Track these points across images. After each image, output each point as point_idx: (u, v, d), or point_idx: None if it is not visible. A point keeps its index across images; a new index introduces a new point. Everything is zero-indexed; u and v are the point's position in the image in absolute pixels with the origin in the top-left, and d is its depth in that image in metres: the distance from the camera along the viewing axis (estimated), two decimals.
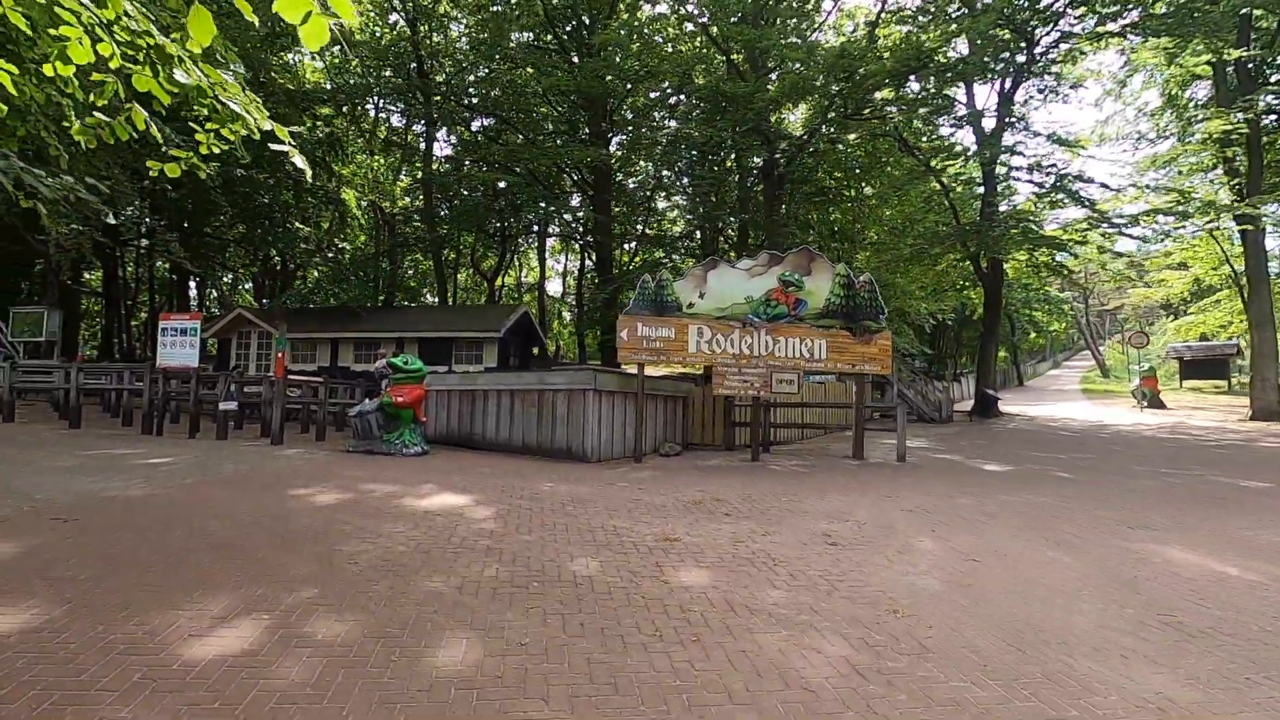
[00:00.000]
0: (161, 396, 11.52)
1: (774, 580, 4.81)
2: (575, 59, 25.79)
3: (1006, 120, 18.51)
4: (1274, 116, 20.48)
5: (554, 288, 49.97)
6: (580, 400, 10.23)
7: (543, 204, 27.04)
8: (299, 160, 3.05)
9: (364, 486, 7.35)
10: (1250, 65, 18.48)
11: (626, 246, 35.00)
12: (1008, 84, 19.82)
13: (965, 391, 31.46)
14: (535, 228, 36.94)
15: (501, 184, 28.17)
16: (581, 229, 29.98)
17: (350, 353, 20.37)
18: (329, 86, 26.95)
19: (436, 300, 33.84)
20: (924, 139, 21.65)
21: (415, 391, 10.22)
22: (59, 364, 12.62)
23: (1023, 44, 16.94)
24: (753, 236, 29.78)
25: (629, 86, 25.38)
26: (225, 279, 41.60)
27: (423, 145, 30.21)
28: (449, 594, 4.20)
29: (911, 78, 18.72)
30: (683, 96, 29.12)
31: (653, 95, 29.17)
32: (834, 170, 23.12)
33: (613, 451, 10.73)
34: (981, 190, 24.43)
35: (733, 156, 24.99)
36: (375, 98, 27.61)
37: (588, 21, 27.28)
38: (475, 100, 27.70)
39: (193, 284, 39.42)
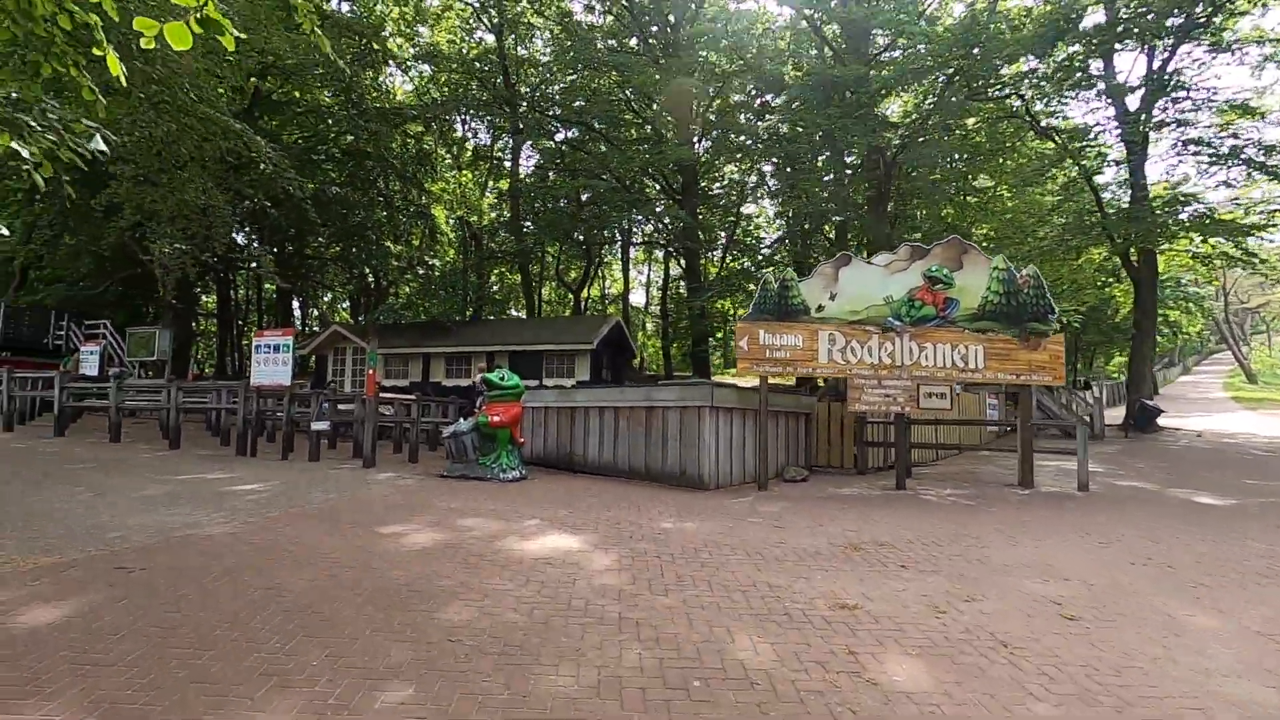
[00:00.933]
0: (255, 416, 11.18)
1: (1024, 681, 3.41)
2: (661, 61, 24.89)
3: (1164, 89, 16.01)
4: None
5: (636, 298, 49.26)
6: (694, 419, 9.02)
7: (631, 209, 26.23)
8: None
9: (462, 523, 6.40)
10: None
11: (711, 255, 33.77)
12: (1159, 51, 17.28)
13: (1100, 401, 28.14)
14: (619, 239, 36.35)
15: (585, 195, 27.69)
16: (670, 234, 28.97)
17: (441, 367, 20.04)
18: (418, 104, 27.25)
19: (524, 313, 33.69)
20: (1054, 118, 19.27)
21: (513, 410, 9.32)
22: (162, 383, 12.60)
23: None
24: (853, 237, 27.88)
25: (719, 85, 24.24)
26: (325, 298, 43.32)
27: (508, 158, 30.09)
28: (585, 699, 3.05)
29: (1031, 55, 16.65)
30: (771, 97, 27.77)
31: (736, 99, 27.94)
32: (946, 160, 21.05)
33: (731, 477, 9.44)
34: (1117, 172, 21.66)
35: (826, 154, 23.30)
36: (462, 112, 27.67)
37: (673, 20, 26.42)
38: (560, 110, 27.32)
39: (296, 304, 41.23)
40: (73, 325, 24.06)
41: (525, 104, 26.69)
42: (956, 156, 21.46)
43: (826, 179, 26.38)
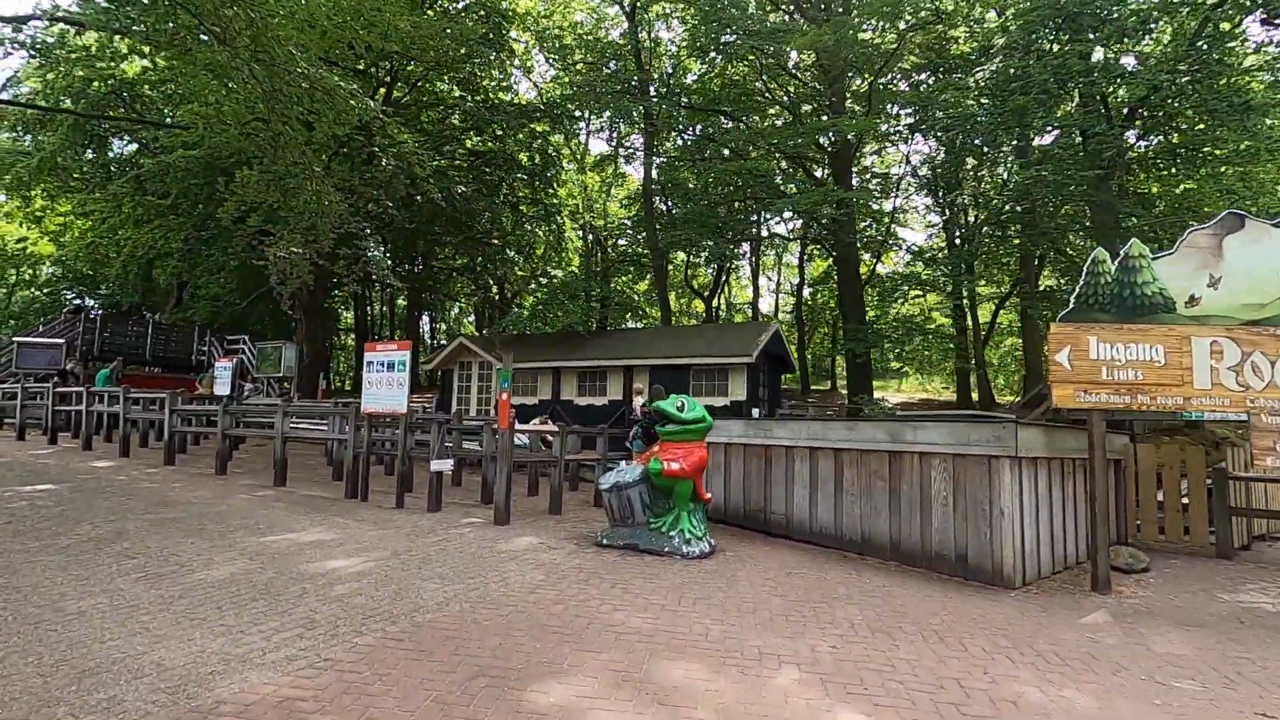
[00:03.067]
0: (366, 449, 9.17)
1: None
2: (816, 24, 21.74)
3: None
4: None
5: (762, 304, 45.79)
6: (981, 473, 5.86)
7: (774, 200, 23.20)
8: None
9: (664, 674, 3.66)
10: None
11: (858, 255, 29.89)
12: None
13: None
14: (747, 244, 33.26)
15: (718, 194, 25.07)
16: (819, 229, 25.55)
17: (573, 384, 17.82)
18: (544, 102, 25.83)
19: (648, 323, 31.38)
20: None
21: (696, 452, 6.57)
22: (275, 404, 11.01)
23: None
24: (1043, 221, 23.25)
25: (894, 46, 20.79)
26: (451, 310, 43.31)
27: (640, 155, 27.89)
28: None
29: None
30: (926, 75, 23.87)
31: (904, 64, 24.24)
32: (1210, 115, 16.35)
33: (1039, 565, 6.17)
34: None
35: (1027, 120, 19.06)
36: (590, 108, 25.82)
37: None
38: (695, 99, 24.85)
39: (426, 318, 41.37)
40: (214, 341, 24.27)
41: (657, 96, 24.45)
42: (1213, 112, 16.71)
43: (993, 153, 22.08)
